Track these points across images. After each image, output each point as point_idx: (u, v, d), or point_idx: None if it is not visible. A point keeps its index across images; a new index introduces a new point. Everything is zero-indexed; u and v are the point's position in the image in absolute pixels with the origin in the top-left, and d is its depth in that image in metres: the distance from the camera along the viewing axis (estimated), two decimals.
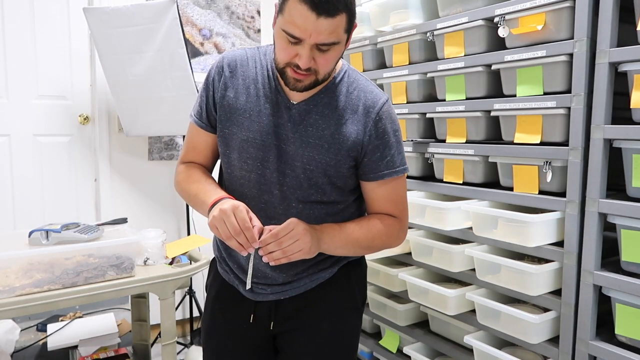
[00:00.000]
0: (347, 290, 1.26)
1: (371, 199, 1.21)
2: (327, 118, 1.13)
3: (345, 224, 1.16)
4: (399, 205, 1.21)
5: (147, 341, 2.27)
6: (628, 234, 1.25)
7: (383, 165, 1.16)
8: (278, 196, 1.16)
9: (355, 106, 1.14)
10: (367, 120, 1.14)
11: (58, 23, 2.75)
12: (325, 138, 1.13)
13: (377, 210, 1.21)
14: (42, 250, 1.61)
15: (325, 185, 1.15)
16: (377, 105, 1.15)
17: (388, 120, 1.15)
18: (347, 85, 1.16)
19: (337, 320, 1.24)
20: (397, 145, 1.17)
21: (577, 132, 1.34)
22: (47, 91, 2.76)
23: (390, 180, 1.17)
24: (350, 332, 1.28)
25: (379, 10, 1.91)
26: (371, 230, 1.16)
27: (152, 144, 3.00)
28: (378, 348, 2.01)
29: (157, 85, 2.53)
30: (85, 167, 2.90)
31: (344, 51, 1.10)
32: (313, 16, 0.97)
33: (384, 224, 1.18)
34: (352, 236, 1.14)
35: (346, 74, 1.17)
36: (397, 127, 1.18)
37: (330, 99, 1.14)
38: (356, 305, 1.28)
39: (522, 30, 1.46)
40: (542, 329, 1.42)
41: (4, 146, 2.69)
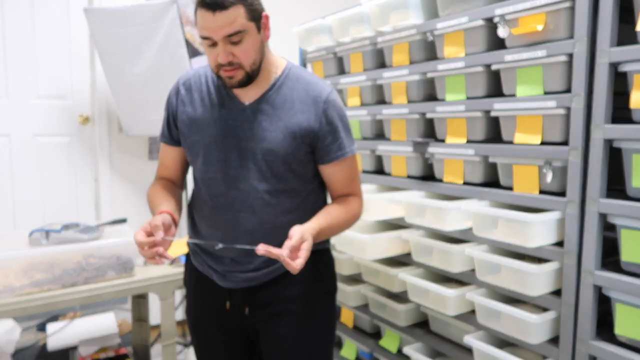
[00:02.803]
0: (316, 275, 1.35)
1: (332, 181, 1.34)
2: (278, 112, 1.25)
3: (330, 215, 1.27)
4: (356, 184, 1.36)
5: (147, 341, 2.27)
6: (628, 234, 1.25)
7: (336, 148, 1.28)
8: (244, 190, 1.26)
9: (303, 97, 1.26)
10: (316, 109, 1.25)
11: (58, 23, 2.76)
12: (279, 130, 1.24)
13: (339, 191, 1.34)
14: (42, 250, 1.61)
15: (287, 173, 1.27)
16: (323, 95, 1.27)
17: (335, 107, 1.28)
18: (292, 81, 1.28)
19: (310, 303, 1.34)
20: (345, 129, 1.30)
21: (577, 132, 1.34)
22: (47, 91, 2.77)
23: (344, 161, 1.30)
24: (324, 315, 1.39)
25: (379, 10, 1.91)
26: (348, 216, 1.31)
27: (152, 144, 3.00)
28: (378, 348, 2.01)
29: (157, 85, 2.53)
30: (85, 167, 2.90)
31: (263, 41, 1.21)
32: (210, 14, 1.11)
33: (352, 206, 1.33)
34: (335, 227, 1.28)
35: (290, 71, 1.29)
36: (343, 113, 1.31)
37: (278, 95, 1.26)
38: (327, 289, 1.40)
39: (522, 31, 1.46)
40: (542, 329, 1.42)
41: (4, 146, 2.69)
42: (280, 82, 1.27)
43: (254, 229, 1.27)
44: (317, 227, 1.19)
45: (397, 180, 1.93)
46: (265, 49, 1.24)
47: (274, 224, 1.27)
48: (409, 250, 1.81)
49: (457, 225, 1.63)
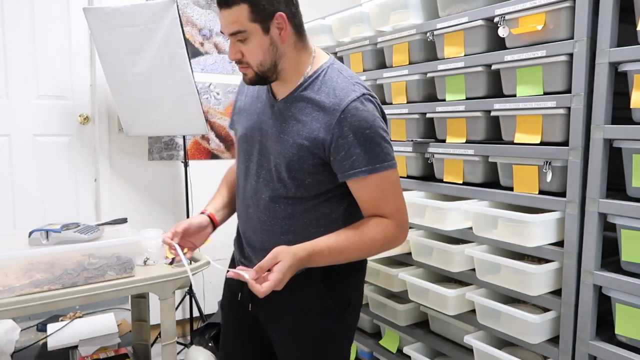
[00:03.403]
0: (317, 291, 1.25)
1: (357, 199, 1.20)
2: (297, 115, 1.18)
3: (337, 239, 1.15)
4: (387, 205, 1.17)
5: (147, 341, 2.27)
6: (628, 234, 1.25)
7: (348, 165, 1.14)
8: (254, 187, 1.26)
9: (322, 103, 1.16)
10: (331, 119, 1.14)
11: (58, 23, 2.75)
12: (291, 134, 1.18)
13: (365, 210, 1.20)
14: (42, 250, 1.60)
15: (288, 180, 1.19)
16: (344, 103, 1.14)
17: (354, 118, 1.13)
18: (321, 82, 1.19)
19: (301, 320, 1.27)
20: (365, 145, 1.13)
21: (577, 132, 1.34)
22: (47, 91, 2.76)
23: (365, 180, 1.15)
24: (317, 332, 1.27)
25: (379, 10, 1.91)
26: (364, 240, 1.16)
27: (152, 144, 3.00)
28: (378, 348, 2.01)
29: (157, 85, 2.53)
30: (85, 167, 2.90)
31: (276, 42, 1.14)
32: (219, 10, 1.13)
33: (377, 229, 1.16)
34: (345, 252, 1.15)
35: (323, 72, 1.20)
36: (367, 125, 1.13)
37: (302, 97, 1.19)
38: (328, 307, 1.26)
39: (522, 30, 1.46)
40: (542, 329, 1.42)
41: (4, 146, 2.69)
42: (308, 83, 1.20)
43: (257, 227, 1.27)
44: (310, 249, 1.11)
45: None
46: (285, 50, 1.17)
47: (273, 227, 1.24)
48: (409, 250, 1.81)
49: (457, 225, 1.63)
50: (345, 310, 1.29)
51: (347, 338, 1.35)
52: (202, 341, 2.68)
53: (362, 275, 1.37)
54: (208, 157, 3.13)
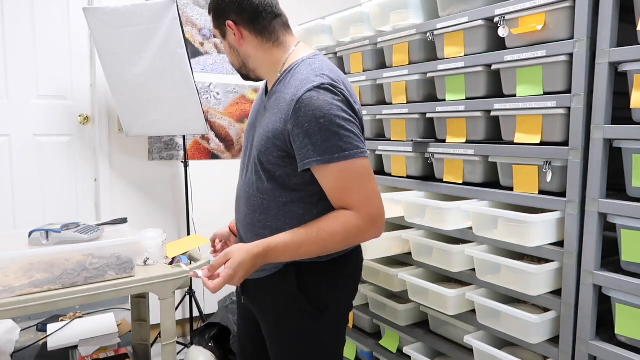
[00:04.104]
0: (290, 291, 1.24)
1: (324, 190, 1.18)
2: (270, 108, 1.24)
3: (294, 234, 1.15)
4: (350, 196, 1.14)
5: (147, 341, 2.27)
6: (628, 234, 1.25)
7: (303, 155, 1.13)
8: (243, 179, 1.32)
9: (286, 95, 1.18)
10: (289, 109, 1.15)
11: (58, 23, 2.75)
12: (262, 126, 1.24)
13: (332, 202, 1.18)
14: (42, 250, 1.60)
15: (262, 172, 1.23)
16: (300, 93, 1.13)
17: (308, 107, 1.12)
18: (290, 76, 1.21)
19: (279, 319, 1.28)
20: (321, 134, 1.11)
21: (577, 132, 1.34)
22: (47, 91, 2.76)
23: (324, 169, 1.13)
24: (294, 332, 1.27)
25: (379, 10, 1.91)
26: (322, 234, 1.13)
27: (152, 144, 3.00)
28: (378, 348, 2.01)
29: (157, 85, 2.54)
30: (85, 167, 2.90)
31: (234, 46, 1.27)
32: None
33: (337, 223, 1.14)
34: (303, 247, 1.14)
35: (296, 66, 1.22)
36: (321, 114, 1.11)
37: (276, 91, 1.24)
38: (303, 308, 1.24)
39: (522, 30, 1.46)
40: (542, 329, 1.42)
41: (4, 146, 2.69)
42: (282, 77, 1.24)
43: (242, 220, 1.33)
44: (265, 245, 1.12)
45: (397, 180, 1.93)
46: (248, 52, 1.27)
47: (252, 220, 1.28)
48: (409, 250, 1.81)
49: (457, 225, 1.63)
50: (324, 312, 1.26)
51: (332, 341, 1.31)
52: (202, 341, 2.68)
53: (343, 274, 1.30)
54: (208, 157, 3.13)
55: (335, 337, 1.33)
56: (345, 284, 1.32)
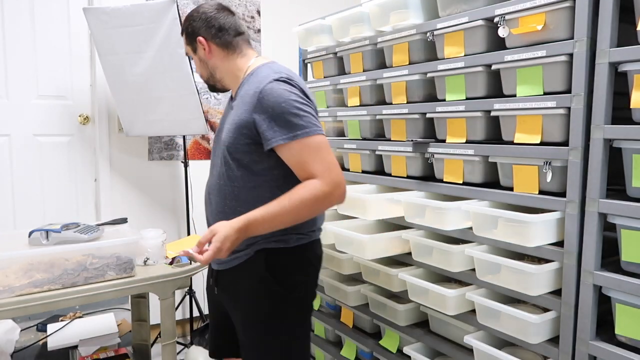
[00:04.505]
0: (260, 275, 1.41)
1: (291, 167, 1.36)
2: (235, 106, 1.43)
3: (269, 206, 1.30)
4: (313, 167, 1.32)
5: (147, 341, 2.27)
6: (628, 234, 1.25)
7: (270, 135, 1.33)
8: (212, 176, 1.49)
9: (249, 91, 1.39)
10: (252, 101, 1.36)
11: (58, 23, 2.76)
12: (230, 122, 1.42)
13: (300, 177, 1.35)
14: (42, 250, 1.61)
15: (231, 162, 1.41)
16: (261, 86, 1.35)
17: (270, 95, 1.33)
18: (252, 77, 1.43)
19: (252, 301, 1.44)
20: (283, 116, 1.32)
21: (577, 132, 1.34)
22: (47, 91, 2.77)
23: (284, 147, 1.32)
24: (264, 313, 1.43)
25: (379, 10, 1.91)
26: (293, 203, 1.29)
27: (152, 144, 3.00)
28: (378, 348, 2.01)
29: (157, 85, 2.54)
30: (85, 167, 2.91)
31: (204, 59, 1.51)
32: None
33: (305, 191, 1.30)
34: (276, 217, 1.30)
35: (256, 71, 1.44)
36: (282, 99, 1.32)
37: (239, 93, 1.45)
38: (273, 290, 1.41)
39: (522, 30, 1.46)
40: (542, 329, 1.42)
41: (4, 146, 2.69)
42: (243, 81, 1.47)
43: (213, 210, 1.47)
44: (244, 218, 1.27)
45: (397, 180, 1.93)
46: (215, 64, 1.50)
47: (223, 208, 1.42)
48: (409, 250, 1.81)
49: (457, 225, 1.63)
50: (292, 293, 1.43)
51: (298, 321, 1.49)
52: (202, 341, 2.68)
53: (307, 259, 1.48)
54: (208, 157, 3.13)
55: (302, 321, 1.51)
56: (309, 269, 1.50)
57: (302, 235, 1.45)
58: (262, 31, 3.25)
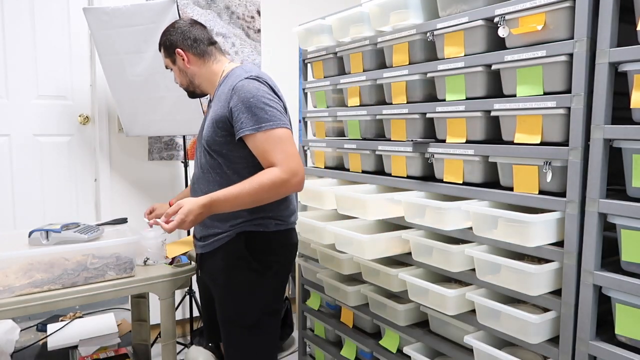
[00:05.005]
0: (239, 253, 1.59)
1: (256, 156, 1.52)
2: (214, 105, 1.60)
3: (231, 187, 1.47)
4: (274, 156, 1.47)
5: (147, 341, 2.27)
6: (628, 234, 1.25)
7: (239, 126, 1.50)
8: (196, 165, 1.68)
9: (225, 90, 1.57)
10: (227, 97, 1.53)
11: (58, 23, 2.76)
12: (209, 118, 1.60)
13: (264, 165, 1.51)
14: (42, 250, 1.61)
15: (212, 152, 1.58)
16: (234, 84, 1.52)
17: (241, 91, 1.50)
18: (227, 79, 1.61)
19: (229, 277, 1.61)
20: (248, 110, 1.48)
21: (577, 132, 1.34)
22: (47, 91, 2.77)
23: (251, 137, 1.49)
24: (242, 285, 1.60)
25: (379, 10, 1.91)
26: (252, 186, 1.45)
27: (152, 144, 3.00)
28: (378, 348, 2.01)
29: (157, 85, 2.54)
30: (85, 167, 2.91)
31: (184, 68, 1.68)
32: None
33: (264, 176, 1.46)
34: (237, 197, 1.46)
35: (231, 72, 1.61)
36: (250, 95, 1.49)
37: (217, 93, 1.62)
38: (249, 266, 1.59)
39: (522, 30, 1.46)
40: (542, 329, 1.42)
41: (4, 146, 2.69)
42: (221, 83, 1.63)
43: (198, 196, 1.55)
44: (209, 196, 1.45)
45: (397, 180, 1.93)
46: (194, 71, 1.67)
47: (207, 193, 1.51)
48: (409, 250, 1.81)
49: (457, 225, 1.63)
50: (269, 269, 1.62)
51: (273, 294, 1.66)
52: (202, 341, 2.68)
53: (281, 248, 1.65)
54: None
55: (276, 297, 1.68)
56: (284, 253, 1.67)
57: (280, 222, 1.62)
58: (262, 31, 3.25)
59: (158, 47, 1.72)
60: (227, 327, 1.66)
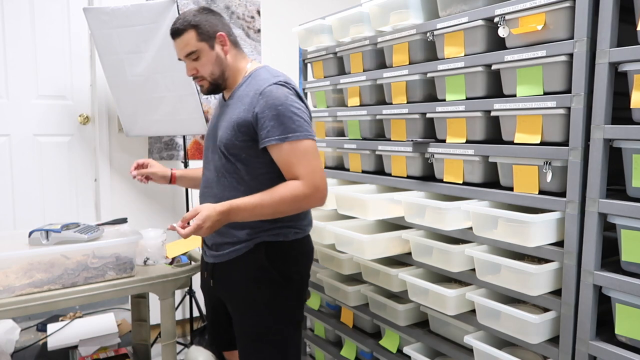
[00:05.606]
0: (260, 264, 1.50)
1: (279, 167, 1.45)
2: (234, 106, 1.50)
3: (252, 197, 1.40)
4: (299, 169, 1.41)
5: (147, 341, 2.27)
6: (628, 234, 1.25)
7: (264, 135, 1.41)
8: (210, 170, 1.57)
9: (249, 92, 1.47)
10: (252, 101, 1.44)
11: (58, 23, 2.76)
12: (227, 120, 1.50)
13: (286, 176, 1.44)
14: (42, 250, 1.61)
15: (230, 156, 1.49)
16: (262, 87, 1.44)
17: (269, 97, 1.41)
18: (251, 79, 1.51)
19: (250, 289, 1.52)
20: (276, 118, 1.40)
21: (577, 132, 1.34)
22: (47, 91, 2.77)
23: (277, 147, 1.41)
24: (264, 298, 1.51)
25: (379, 10, 1.91)
26: (273, 198, 1.39)
27: (152, 144, 3.00)
28: (378, 348, 2.01)
29: (157, 85, 2.54)
30: (85, 167, 2.90)
31: (220, 56, 1.50)
32: (173, 42, 1.51)
33: (287, 189, 1.40)
34: (257, 207, 1.39)
35: (255, 72, 1.53)
36: (279, 102, 1.40)
37: (238, 93, 1.52)
38: (273, 278, 1.51)
39: (522, 30, 1.46)
40: (542, 329, 1.42)
41: (4, 146, 2.69)
42: (243, 82, 1.53)
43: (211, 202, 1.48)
44: (228, 204, 1.38)
45: (397, 180, 1.93)
46: (228, 61, 1.52)
47: (222, 200, 1.44)
48: (409, 250, 1.81)
49: (457, 225, 1.63)
50: (290, 281, 1.54)
51: (295, 305, 1.58)
52: (202, 341, 2.68)
53: (300, 257, 1.58)
54: None
55: (298, 308, 1.60)
56: (304, 261, 1.60)
57: (298, 230, 1.55)
58: (262, 31, 3.25)
59: (184, 28, 1.45)
60: (250, 343, 1.55)
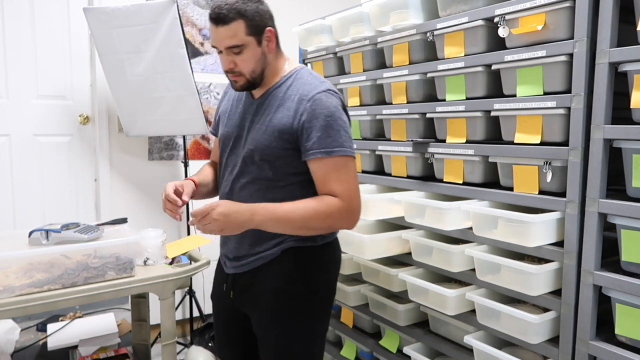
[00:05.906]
0: (289, 275, 1.39)
1: (314, 179, 1.34)
2: (271, 108, 1.37)
3: (282, 204, 1.29)
4: (338, 186, 1.31)
5: (147, 341, 2.27)
6: (628, 234, 1.25)
7: (309, 146, 1.30)
8: (233, 174, 1.42)
9: (292, 96, 1.35)
10: (298, 107, 1.32)
11: (58, 23, 2.75)
12: (265, 123, 1.36)
13: (320, 190, 1.34)
14: (42, 250, 1.60)
15: (262, 162, 1.36)
16: (311, 94, 1.32)
17: (318, 106, 1.30)
18: (292, 81, 1.38)
19: (278, 301, 1.41)
20: (324, 130, 1.29)
21: (577, 132, 1.34)
22: (47, 91, 2.76)
23: (319, 161, 1.31)
24: (288, 313, 1.41)
25: (379, 10, 1.91)
26: (307, 210, 1.28)
27: (152, 144, 3.00)
28: (378, 348, 2.01)
29: (157, 85, 2.54)
30: (85, 167, 2.90)
31: (265, 53, 1.34)
32: (214, 27, 1.29)
33: (322, 203, 1.29)
34: (286, 216, 1.28)
35: (296, 74, 1.40)
36: (329, 112, 1.30)
37: (276, 93, 1.38)
38: (299, 290, 1.40)
39: (522, 30, 1.46)
40: (542, 329, 1.42)
41: (4, 146, 2.69)
42: (282, 82, 1.39)
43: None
44: (253, 205, 1.27)
45: (397, 180, 1.93)
46: (270, 59, 1.37)
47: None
48: (409, 250, 1.81)
49: (457, 225, 1.63)
50: (317, 294, 1.43)
51: (321, 320, 1.48)
52: (202, 341, 2.68)
53: (331, 264, 1.48)
54: (208, 157, 3.13)
55: (325, 318, 1.50)
56: (332, 268, 1.50)
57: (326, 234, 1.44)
58: None
59: (233, 17, 1.26)
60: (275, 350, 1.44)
